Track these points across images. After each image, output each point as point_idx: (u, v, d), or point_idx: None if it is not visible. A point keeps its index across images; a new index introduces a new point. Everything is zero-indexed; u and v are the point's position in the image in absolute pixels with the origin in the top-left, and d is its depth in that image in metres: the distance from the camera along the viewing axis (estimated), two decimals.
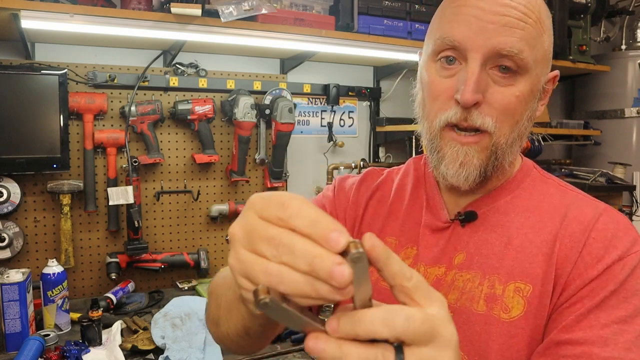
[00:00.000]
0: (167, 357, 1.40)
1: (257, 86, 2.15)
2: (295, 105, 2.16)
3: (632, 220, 2.70)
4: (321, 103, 2.38)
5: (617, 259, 0.65)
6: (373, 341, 0.37)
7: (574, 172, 2.70)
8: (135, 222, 1.87)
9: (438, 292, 0.40)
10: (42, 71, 1.72)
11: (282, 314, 0.35)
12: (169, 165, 2.05)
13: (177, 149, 2.05)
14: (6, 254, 1.74)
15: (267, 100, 2.13)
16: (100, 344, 1.47)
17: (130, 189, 1.86)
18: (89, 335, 1.45)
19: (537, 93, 0.72)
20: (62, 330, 1.57)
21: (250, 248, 0.38)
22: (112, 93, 1.91)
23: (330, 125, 2.38)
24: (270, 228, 0.37)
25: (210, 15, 1.67)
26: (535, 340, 0.66)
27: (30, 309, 1.49)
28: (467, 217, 0.76)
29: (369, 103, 2.51)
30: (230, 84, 2.09)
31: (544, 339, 0.66)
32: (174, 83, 2.00)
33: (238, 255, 0.38)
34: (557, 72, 0.76)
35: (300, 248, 0.34)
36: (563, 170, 2.78)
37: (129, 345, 1.46)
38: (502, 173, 0.76)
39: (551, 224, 0.71)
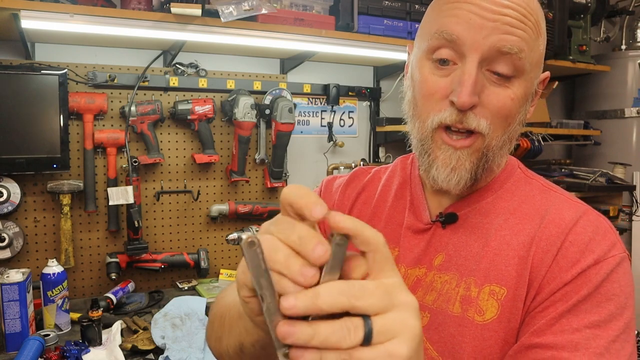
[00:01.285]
0: (167, 357, 1.40)
1: (257, 86, 2.15)
2: (295, 105, 2.16)
3: (632, 220, 2.70)
4: (321, 103, 2.38)
5: (593, 263, 0.63)
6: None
7: (574, 172, 2.69)
8: (135, 222, 1.86)
9: (395, 269, 0.42)
10: (42, 71, 1.72)
11: (255, 263, 0.37)
12: (169, 165, 2.04)
13: (177, 149, 2.05)
14: (6, 254, 1.74)
15: (267, 100, 2.13)
16: (100, 344, 1.47)
17: (130, 189, 1.86)
18: (89, 335, 1.45)
19: (530, 96, 0.71)
20: (62, 330, 1.57)
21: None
22: (112, 93, 1.91)
23: (330, 125, 2.38)
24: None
25: (210, 15, 1.67)
26: (508, 344, 0.66)
27: (30, 309, 1.49)
28: (448, 219, 0.75)
29: (369, 103, 2.51)
30: (230, 84, 2.09)
31: (517, 342, 0.65)
32: (174, 83, 2.00)
33: None
34: (547, 74, 0.75)
35: (299, 227, 0.39)
36: (563, 170, 2.78)
37: (129, 345, 1.46)
38: (489, 175, 0.75)
39: (529, 226, 0.69)
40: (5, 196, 1.72)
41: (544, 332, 0.62)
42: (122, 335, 1.52)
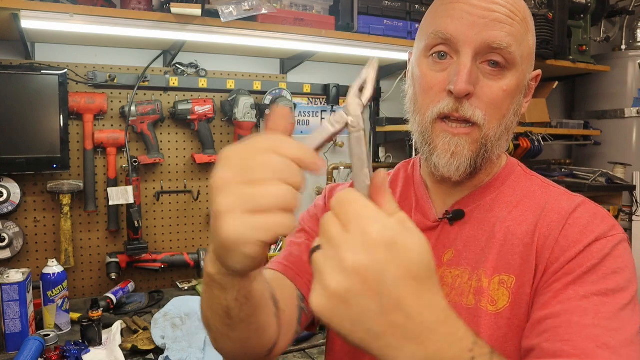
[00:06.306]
0: (167, 357, 1.40)
1: (257, 86, 2.15)
2: (295, 105, 2.16)
3: (632, 220, 2.70)
4: (321, 103, 2.38)
5: (594, 240, 0.66)
6: None
7: (574, 172, 2.69)
8: (135, 222, 1.86)
9: None
10: (42, 71, 1.72)
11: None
12: (169, 165, 2.04)
13: (177, 149, 2.05)
14: (6, 254, 1.74)
15: (267, 100, 2.13)
16: (100, 344, 1.47)
17: (130, 189, 1.86)
18: (89, 335, 1.45)
19: (523, 89, 0.76)
20: (62, 330, 1.57)
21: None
22: (112, 93, 1.91)
23: None
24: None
25: (210, 15, 1.67)
26: (522, 329, 0.67)
27: (30, 309, 1.49)
28: (455, 216, 0.78)
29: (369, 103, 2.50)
30: (230, 84, 2.09)
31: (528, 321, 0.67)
32: (174, 83, 2.00)
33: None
34: (539, 71, 0.80)
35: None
36: (563, 170, 2.78)
37: (129, 345, 1.46)
38: (489, 167, 0.79)
39: (532, 216, 0.73)
40: (5, 196, 1.72)
41: (551, 303, 0.64)
42: (122, 335, 1.52)
